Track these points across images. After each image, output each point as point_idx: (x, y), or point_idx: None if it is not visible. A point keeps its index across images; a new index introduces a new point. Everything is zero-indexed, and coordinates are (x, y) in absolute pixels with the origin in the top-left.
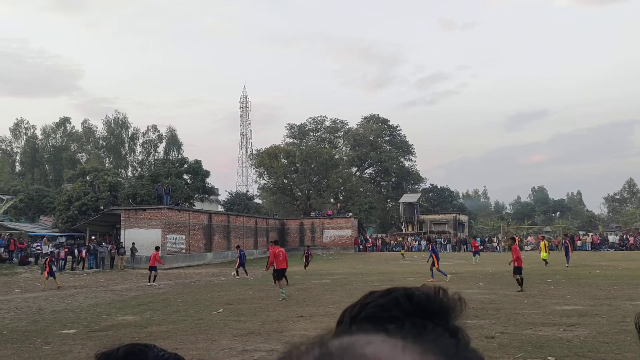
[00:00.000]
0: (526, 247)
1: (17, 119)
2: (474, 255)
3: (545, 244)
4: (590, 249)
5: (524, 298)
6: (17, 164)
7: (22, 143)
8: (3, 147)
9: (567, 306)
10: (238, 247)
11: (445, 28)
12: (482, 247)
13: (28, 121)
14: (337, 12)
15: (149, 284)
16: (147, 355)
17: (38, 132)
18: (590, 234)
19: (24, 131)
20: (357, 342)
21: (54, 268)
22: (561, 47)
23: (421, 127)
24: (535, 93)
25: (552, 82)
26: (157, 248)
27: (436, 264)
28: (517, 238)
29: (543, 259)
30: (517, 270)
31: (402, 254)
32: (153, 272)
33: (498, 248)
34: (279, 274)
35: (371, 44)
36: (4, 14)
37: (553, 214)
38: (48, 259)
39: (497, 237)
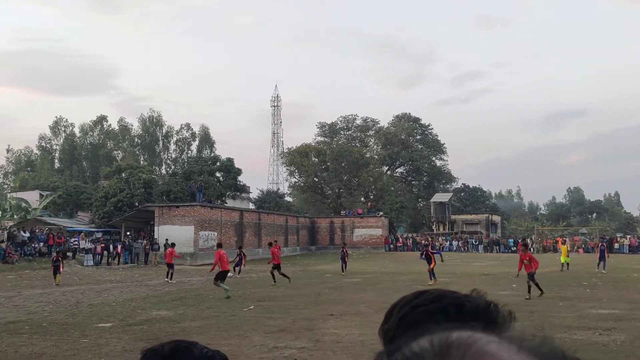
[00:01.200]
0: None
1: (56, 117)
2: None
3: (566, 248)
4: (627, 251)
5: (558, 301)
6: (56, 160)
7: (61, 140)
8: (43, 144)
9: (604, 310)
10: (240, 247)
11: (481, 25)
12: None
13: (67, 119)
14: (370, 9)
15: (167, 280)
16: (192, 352)
17: (76, 130)
18: (628, 237)
19: (63, 129)
20: (476, 339)
21: (61, 267)
22: (601, 44)
23: (454, 126)
24: (573, 91)
25: (591, 81)
26: (172, 245)
27: (432, 264)
28: (528, 242)
29: (563, 263)
30: (530, 276)
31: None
32: (170, 269)
33: (532, 249)
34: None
35: (405, 42)
36: (45, 15)
37: (589, 216)
38: (55, 257)
39: (531, 239)
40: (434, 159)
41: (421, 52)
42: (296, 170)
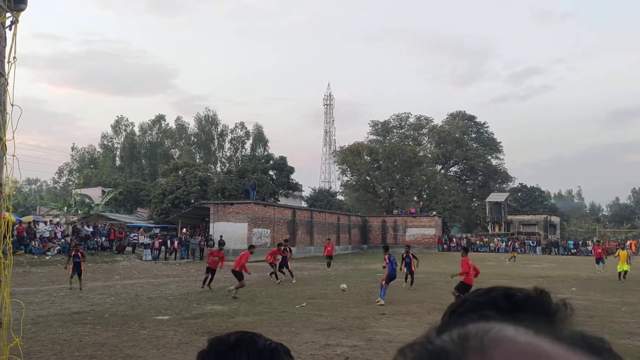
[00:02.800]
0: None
1: (117, 116)
2: (598, 262)
3: (627, 254)
4: None
5: (621, 306)
6: (117, 158)
7: (122, 139)
8: (105, 142)
9: None
10: (283, 242)
11: (541, 19)
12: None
13: (127, 118)
14: (424, 5)
15: (202, 288)
16: (257, 343)
17: (136, 129)
18: None
19: (124, 128)
20: (492, 327)
21: (82, 265)
22: None
23: (512, 124)
24: (637, 87)
25: None
26: (250, 247)
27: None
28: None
29: (621, 272)
30: (463, 287)
31: (513, 256)
32: (239, 281)
33: (593, 252)
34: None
35: (461, 38)
36: (106, 17)
37: None
38: (73, 252)
39: (592, 241)
40: (489, 157)
41: (478, 49)
42: (348, 169)
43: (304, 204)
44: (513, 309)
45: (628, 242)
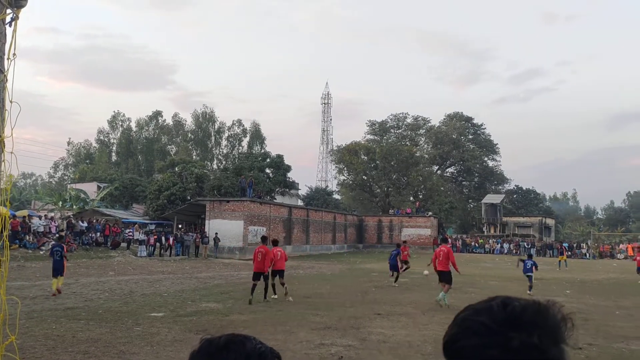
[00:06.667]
0: (619, 255)
1: (114, 111)
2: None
3: None
4: None
5: (615, 309)
6: (113, 154)
7: (118, 134)
8: (101, 138)
9: None
10: (402, 243)
11: (546, 21)
12: (570, 252)
13: (124, 114)
14: (429, 4)
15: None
16: (246, 346)
17: (133, 125)
18: None
19: (120, 123)
20: None
21: (65, 263)
22: None
23: (512, 126)
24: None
25: None
26: (274, 242)
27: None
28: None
29: None
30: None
31: (563, 260)
32: (284, 284)
33: (587, 255)
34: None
35: (465, 38)
36: (109, 12)
37: None
38: (57, 246)
39: (587, 243)
40: (486, 159)
41: (480, 49)
42: (345, 168)
43: (300, 203)
44: (508, 319)
45: (623, 246)
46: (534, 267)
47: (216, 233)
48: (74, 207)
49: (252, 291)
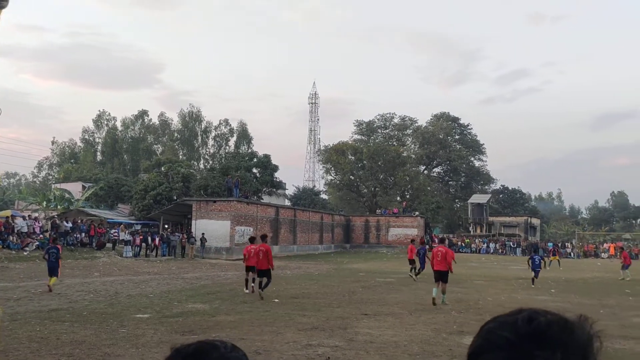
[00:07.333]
0: (603, 254)
1: (99, 110)
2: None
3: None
4: None
5: (599, 308)
6: (98, 153)
7: (104, 134)
8: (87, 137)
9: None
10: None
11: (533, 21)
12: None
13: (109, 113)
14: (418, 4)
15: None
16: (211, 355)
17: (118, 124)
18: None
19: (106, 122)
20: None
21: (59, 264)
22: None
23: (498, 126)
24: (626, 92)
25: None
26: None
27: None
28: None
29: None
30: None
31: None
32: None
33: (572, 254)
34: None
35: (453, 39)
36: (96, 10)
37: (633, 221)
38: (51, 245)
39: (571, 243)
40: (472, 159)
41: (469, 49)
42: (332, 168)
43: (287, 203)
44: (532, 334)
45: (606, 246)
46: (541, 261)
47: (203, 233)
48: (59, 207)
49: (259, 286)
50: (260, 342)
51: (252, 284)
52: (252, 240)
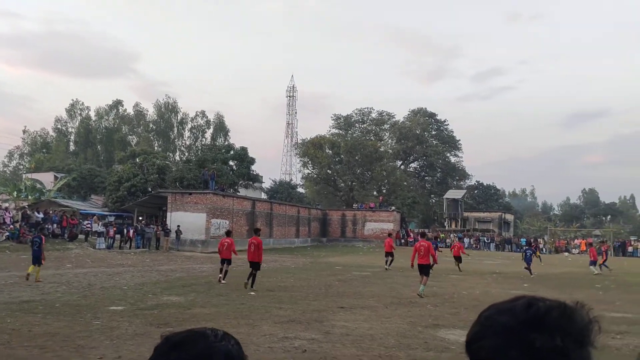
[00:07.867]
0: (574, 250)
1: (72, 100)
2: (593, 264)
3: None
4: None
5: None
6: (71, 143)
7: (77, 124)
8: (59, 126)
9: (617, 313)
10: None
11: (510, 20)
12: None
13: (83, 102)
14: (394, 1)
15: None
16: (197, 345)
17: (92, 114)
18: None
19: (79, 112)
20: None
21: (43, 255)
22: (630, 44)
23: (474, 123)
24: (598, 91)
25: (617, 81)
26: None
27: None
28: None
29: None
30: None
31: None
32: (227, 272)
33: (544, 250)
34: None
35: (431, 35)
36: None
37: (603, 218)
38: (34, 236)
39: (544, 239)
40: (448, 155)
41: (446, 46)
42: (309, 162)
43: (264, 196)
44: (531, 319)
45: (577, 241)
46: (533, 254)
47: (178, 225)
48: (30, 197)
49: (248, 278)
50: (237, 335)
51: (220, 275)
52: (228, 233)
